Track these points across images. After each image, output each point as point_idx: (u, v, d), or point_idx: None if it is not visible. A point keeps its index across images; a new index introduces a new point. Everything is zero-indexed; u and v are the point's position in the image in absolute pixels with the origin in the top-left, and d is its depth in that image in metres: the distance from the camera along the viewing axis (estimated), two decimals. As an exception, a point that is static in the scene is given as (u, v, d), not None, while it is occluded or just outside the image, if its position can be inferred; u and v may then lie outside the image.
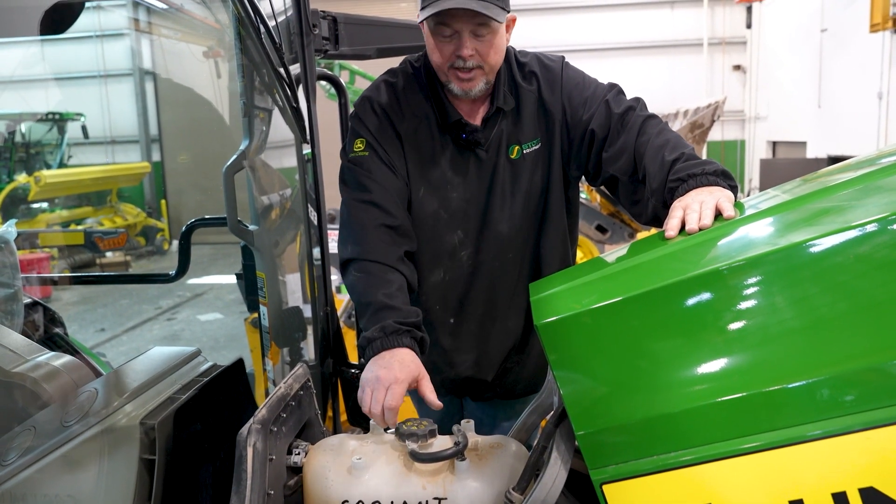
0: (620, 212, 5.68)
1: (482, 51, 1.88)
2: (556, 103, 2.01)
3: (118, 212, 14.70)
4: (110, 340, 8.29)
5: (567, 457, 1.41)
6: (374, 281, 1.82)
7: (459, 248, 2.08)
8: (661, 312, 1.27)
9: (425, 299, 2.12)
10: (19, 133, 14.24)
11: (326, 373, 2.46)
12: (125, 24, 11.79)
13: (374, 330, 1.70)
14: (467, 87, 1.93)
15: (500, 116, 2.01)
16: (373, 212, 1.92)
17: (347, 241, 1.93)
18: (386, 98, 2.05)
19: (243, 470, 1.36)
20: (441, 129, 2.02)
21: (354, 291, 1.87)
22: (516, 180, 2.04)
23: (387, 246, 1.89)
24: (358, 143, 2.02)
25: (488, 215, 2.05)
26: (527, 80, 2.03)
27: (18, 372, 1.87)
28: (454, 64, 1.89)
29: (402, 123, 2.02)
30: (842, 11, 12.20)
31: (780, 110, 15.35)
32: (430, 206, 2.04)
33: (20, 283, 2.54)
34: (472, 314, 2.14)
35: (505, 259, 2.09)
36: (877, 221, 1.16)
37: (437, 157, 2.03)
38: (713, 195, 1.56)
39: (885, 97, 10.94)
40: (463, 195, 2.04)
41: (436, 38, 1.90)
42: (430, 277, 2.10)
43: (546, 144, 2.03)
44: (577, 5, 16.26)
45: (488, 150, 2.02)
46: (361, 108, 2.06)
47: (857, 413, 1.09)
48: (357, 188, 1.97)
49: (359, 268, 1.86)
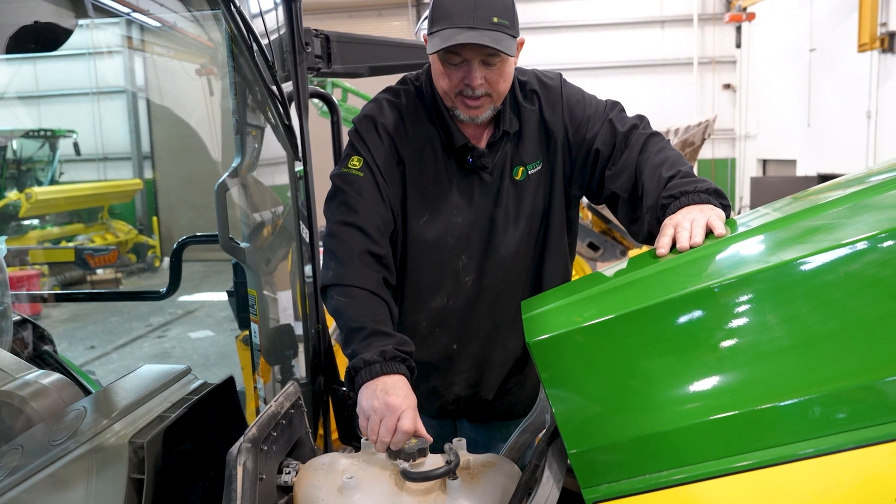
0: (612, 229, 5.69)
1: (491, 79, 1.84)
2: (558, 123, 1.99)
3: (109, 229, 14.64)
4: (100, 358, 8.23)
5: (559, 475, 1.40)
6: (361, 306, 1.77)
7: (463, 273, 2.04)
8: (653, 330, 1.27)
9: (426, 325, 2.09)
10: (10, 149, 14.20)
11: (318, 391, 2.45)
12: (118, 42, 11.80)
13: (373, 354, 1.64)
14: (475, 115, 1.89)
15: (505, 139, 1.99)
16: (357, 237, 1.85)
17: (329, 265, 1.86)
18: (391, 119, 1.98)
19: (233, 490, 1.35)
20: (446, 152, 1.98)
21: (340, 316, 1.79)
22: (520, 202, 2.01)
23: (371, 272, 1.83)
24: (355, 160, 1.95)
25: (493, 239, 2.01)
26: (528, 100, 2.01)
27: (6, 390, 1.86)
28: (462, 92, 1.85)
29: (407, 147, 1.97)
30: (830, 31, 12.33)
31: (769, 129, 15.46)
32: (434, 232, 2.00)
33: (9, 300, 2.52)
34: (475, 337, 2.11)
35: (509, 281, 2.06)
36: (867, 239, 1.17)
37: (442, 182, 1.99)
38: (704, 213, 1.57)
39: (873, 116, 11.06)
40: (467, 219, 2.00)
41: (444, 66, 1.85)
42: (432, 303, 2.06)
43: (548, 164, 2.01)
44: (568, 24, 16.37)
45: (492, 174, 1.99)
46: (364, 126, 1.99)
47: (849, 431, 1.09)
48: (344, 209, 1.90)
49: (342, 293, 1.79)
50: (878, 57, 10.85)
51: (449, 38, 1.75)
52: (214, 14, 2.55)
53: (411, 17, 15.99)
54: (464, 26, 1.74)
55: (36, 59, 15.76)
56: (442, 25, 1.77)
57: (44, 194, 12.97)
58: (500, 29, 1.75)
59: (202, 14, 2.82)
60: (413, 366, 1.70)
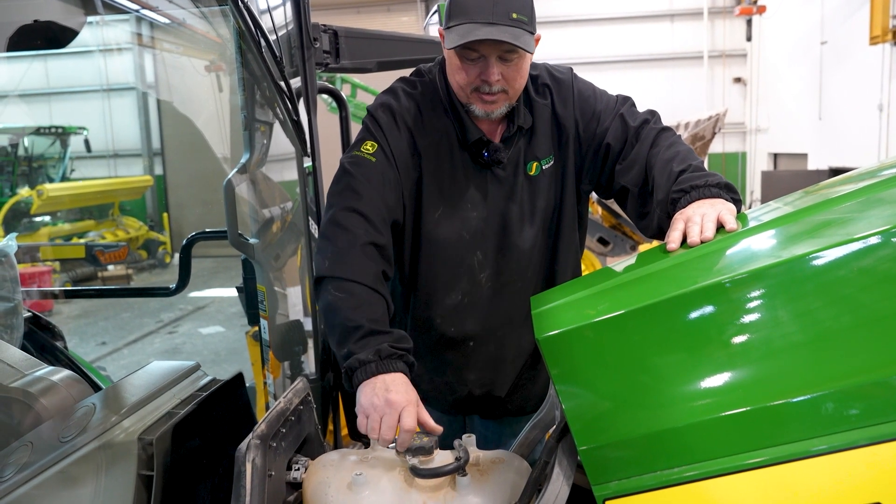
0: (622, 224, 5.67)
1: (508, 76, 1.82)
2: (569, 118, 1.98)
3: (120, 225, 14.71)
4: (111, 354, 8.28)
5: (569, 472, 1.39)
6: (358, 303, 1.71)
7: (478, 269, 2.02)
8: (663, 326, 1.26)
9: (440, 322, 2.06)
10: (22, 147, 14.28)
11: (327, 386, 2.45)
12: (128, 39, 11.86)
13: (369, 353, 1.61)
14: (490, 109, 1.88)
15: (519, 134, 1.97)
16: (361, 225, 1.79)
17: (326, 254, 1.78)
18: (409, 109, 1.95)
19: (242, 486, 1.35)
20: (461, 146, 1.96)
21: (334, 312, 1.72)
22: (535, 198, 2.00)
23: (371, 264, 1.77)
24: (368, 144, 1.90)
25: (509, 235, 2.00)
26: (540, 94, 1.99)
27: (16, 387, 1.87)
28: (479, 88, 1.84)
29: (424, 138, 1.94)
30: (841, 24, 12.24)
31: (780, 122, 15.37)
32: (449, 226, 1.97)
33: (20, 296, 2.54)
34: (491, 334, 2.09)
35: (525, 278, 2.05)
36: (880, 234, 1.16)
37: (457, 176, 1.96)
38: (715, 208, 1.55)
39: (885, 109, 10.97)
40: (482, 215, 1.98)
41: (462, 61, 1.83)
42: (446, 300, 2.04)
43: (559, 159, 2.00)
44: (578, 19, 16.30)
45: (506, 169, 1.97)
46: (382, 113, 1.94)
47: (862, 428, 1.08)
48: (349, 193, 1.84)
49: (339, 287, 1.73)
50: (890, 49, 10.76)
51: (468, 33, 1.74)
52: (223, 10, 2.55)
53: (420, 13, 15.96)
54: (483, 22, 1.73)
55: (47, 57, 15.84)
56: (460, 20, 1.76)
57: (55, 191, 13.03)
58: (519, 25, 1.75)
59: (210, 10, 2.82)
60: (412, 361, 1.67)
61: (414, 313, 2.09)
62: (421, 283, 2.04)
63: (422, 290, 2.05)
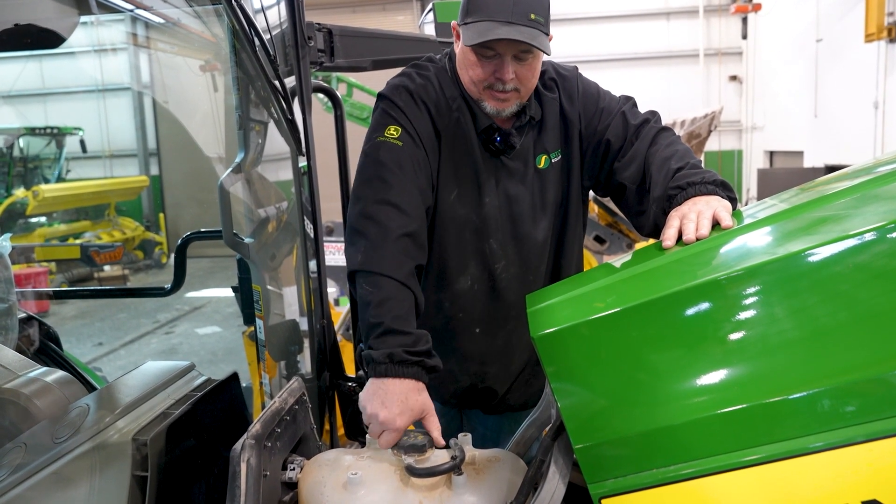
0: (618, 222, 5.68)
1: (522, 75, 1.84)
2: (574, 114, 2.00)
3: (116, 226, 14.68)
4: (108, 355, 8.26)
5: (565, 471, 1.39)
6: (385, 298, 1.68)
7: (490, 258, 2.02)
8: (659, 323, 1.26)
9: (449, 305, 2.06)
10: (17, 147, 14.24)
11: (323, 386, 2.44)
12: (123, 39, 11.85)
13: (381, 355, 1.60)
14: (502, 107, 1.89)
15: (529, 126, 1.99)
16: (395, 217, 1.75)
17: (359, 248, 1.75)
18: (426, 88, 1.94)
19: (237, 486, 1.34)
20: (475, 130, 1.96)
21: (364, 307, 1.71)
22: (545, 191, 2.02)
23: (404, 259, 1.74)
24: (392, 129, 1.86)
25: (522, 226, 2.01)
26: (548, 89, 2.01)
27: (9, 388, 1.86)
28: (492, 85, 1.85)
29: (442, 119, 1.93)
30: (837, 21, 12.26)
31: (776, 120, 15.39)
32: (462, 209, 1.97)
33: (14, 297, 2.53)
34: (500, 326, 2.09)
35: (537, 271, 2.06)
36: (875, 230, 1.16)
37: (471, 160, 1.96)
38: (710, 205, 1.56)
39: (880, 106, 11.00)
40: (493, 202, 1.99)
41: (477, 57, 1.84)
42: (455, 284, 2.04)
43: (565, 154, 2.02)
44: (574, 17, 16.30)
45: (515, 160, 1.98)
46: (398, 94, 1.92)
47: (858, 424, 1.08)
48: (379, 184, 1.80)
49: (371, 282, 1.70)
50: (886, 47, 10.77)
51: (487, 31, 1.75)
52: (217, 9, 2.55)
53: (415, 11, 15.95)
54: (502, 21, 1.74)
55: (42, 57, 15.80)
56: (478, 17, 1.77)
57: (51, 192, 13.01)
58: (536, 26, 1.76)
59: (204, 9, 2.81)
60: (430, 365, 1.64)
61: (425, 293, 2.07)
62: (432, 263, 2.02)
63: (433, 270, 2.05)
